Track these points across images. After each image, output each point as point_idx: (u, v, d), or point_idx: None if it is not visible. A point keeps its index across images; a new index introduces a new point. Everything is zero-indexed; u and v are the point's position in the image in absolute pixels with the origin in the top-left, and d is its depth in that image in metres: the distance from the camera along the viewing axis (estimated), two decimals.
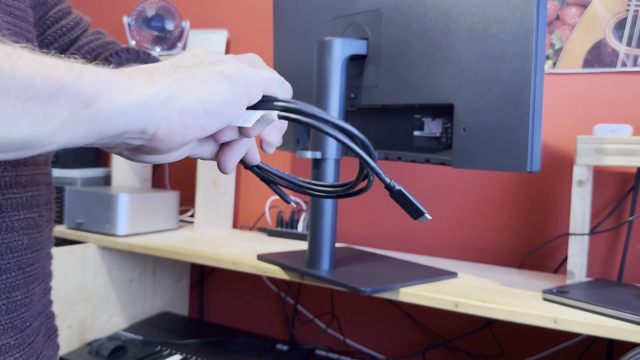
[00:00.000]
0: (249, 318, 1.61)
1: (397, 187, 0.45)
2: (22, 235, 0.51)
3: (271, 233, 1.45)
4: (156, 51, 1.67)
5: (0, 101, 0.28)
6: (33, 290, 0.53)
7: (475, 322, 1.26)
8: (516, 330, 1.22)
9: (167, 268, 1.58)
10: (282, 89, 0.41)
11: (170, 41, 1.68)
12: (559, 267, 1.18)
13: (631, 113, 1.11)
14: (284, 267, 1.04)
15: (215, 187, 1.48)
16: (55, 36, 0.67)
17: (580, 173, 0.97)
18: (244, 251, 1.21)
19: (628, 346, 0.73)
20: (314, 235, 0.99)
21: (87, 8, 1.96)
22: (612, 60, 1.13)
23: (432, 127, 0.97)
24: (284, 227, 1.44)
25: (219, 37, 1.63)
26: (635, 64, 1.11)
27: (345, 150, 1.11)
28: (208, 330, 1.40)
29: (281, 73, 1.21)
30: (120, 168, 1.60)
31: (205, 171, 1.43)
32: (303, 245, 1.29)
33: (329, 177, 0.97)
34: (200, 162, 1.43)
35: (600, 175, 1.13)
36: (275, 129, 0.49)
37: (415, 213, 0.45)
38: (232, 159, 0.43)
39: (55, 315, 0.63)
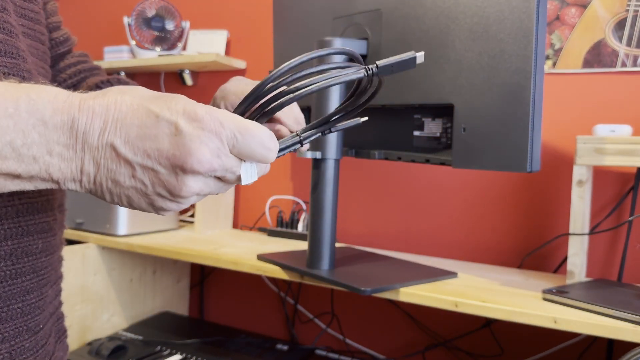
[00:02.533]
0: (249, 318, 1.61)
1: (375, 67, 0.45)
2: (37, 239, 0.51)
3: (271, 233, 1.45)
4: (156, 51, 1.67)
5: None
6: (46, 293, 0.53)
7: (475, 322, 1.26)
8: (516, 330, 1.22)
9: (167, 268, 1.58)
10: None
11: (170, 41, 1.68)
12: (559, 267, 1.18)
13: (631, 113, 1.11)
14: (284, 267, 1.04)
15: None
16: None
17: (580, 173, 0.97)
18: (244, 251, 1.21)
19: (628, 346, 0.73)
20: (314, 235, 0.99)
21: (88, 8, 1.96)
22: (612, 60, 1.13)
23: (432, 127, 0.97)
24: (284, 227, 1.44)
25: (219, 37, 1.63)
26: (635, 64, 1.11)
27: (346, 150, 1.11)
28: (208, 330, 1.40)
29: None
30: None
31: None
32: (303, 245, 1.29)
33: (329, 177, 0.97)
34: None
35: (600, 175, 1.13)
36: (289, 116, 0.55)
37: (407, 64, 0.45)
38: None
39: (65, 316, 0.63)
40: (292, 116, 0.60)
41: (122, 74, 1.77)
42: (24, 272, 0.49)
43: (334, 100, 0.96)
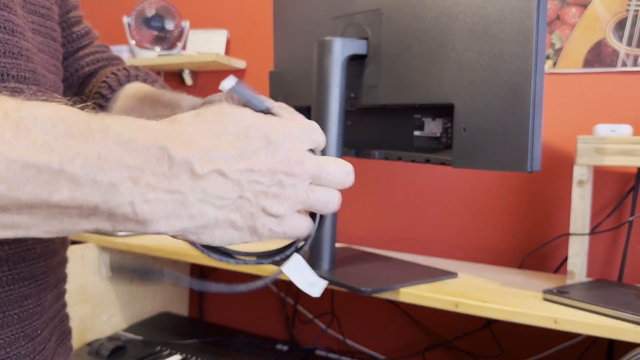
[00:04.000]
0: (249, 318, 1.61)
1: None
2: (35, 243, 0.50)
3: None
4: (156, 51, 1.67)
5: None
6: (45, 298, 0.52)
7: (475, 322, 1.26)
8: (516, 330, 1.22)
9: (167, 268, 1.58)
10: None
11: (170, 41, 1.68)
12: (559, 267, 1.18)
13: (631, 113, 1.11)
14: None
15: None
16: (65, 40, 0.67)
17: (581, 173, 0.97)
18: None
19: (628, 346, 0.73)
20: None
21: (87, 8, 1.95)
22: (612, 60, 1.12)
23: (432, 127, 0.97)
24: None
25: (219, 37, 1.63)
26: (635, 64, 1.10)
27: (346, 150, 1.11)
28: (208, 330, 1.40)
29: (281, 73, 1.22)
30: None
31: None
32: None
33: None
34: None
35: (601, 175, 1.13)
36: None
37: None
38: None
39: (70, 318, 0.61)
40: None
41: None
42: (22, 278, 0.48)
43: (335, 99, 0.96)
